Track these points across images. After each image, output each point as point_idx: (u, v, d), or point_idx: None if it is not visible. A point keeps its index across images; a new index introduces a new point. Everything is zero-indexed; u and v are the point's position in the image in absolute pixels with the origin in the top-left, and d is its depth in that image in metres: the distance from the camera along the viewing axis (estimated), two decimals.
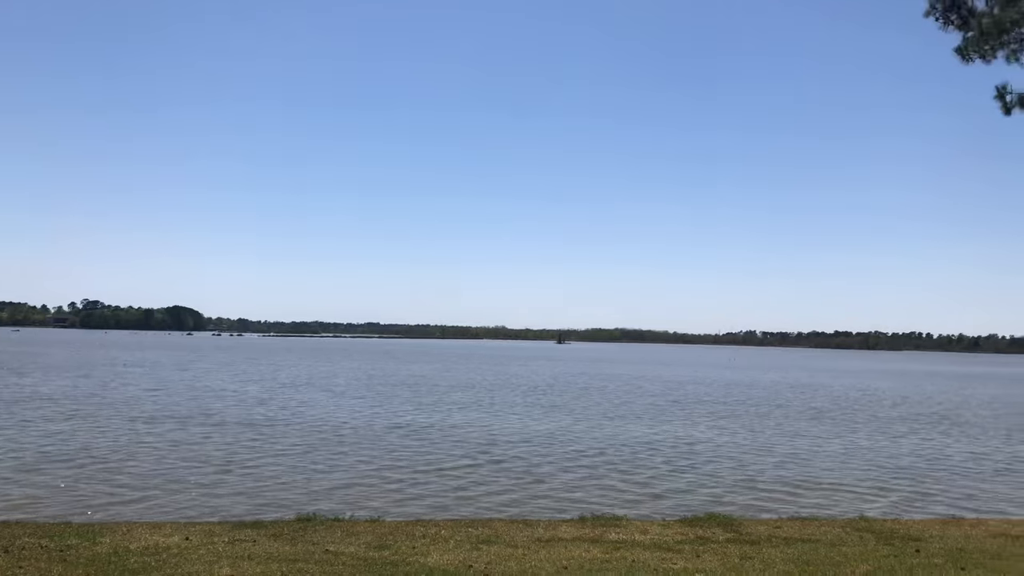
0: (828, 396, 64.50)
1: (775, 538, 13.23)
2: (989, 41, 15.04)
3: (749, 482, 23.33)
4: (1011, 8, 14.79)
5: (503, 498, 19.73)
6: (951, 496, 22.11)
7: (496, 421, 37.56)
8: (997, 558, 11.80)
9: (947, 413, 51.38)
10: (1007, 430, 41.41)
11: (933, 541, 13.24)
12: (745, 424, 40.26)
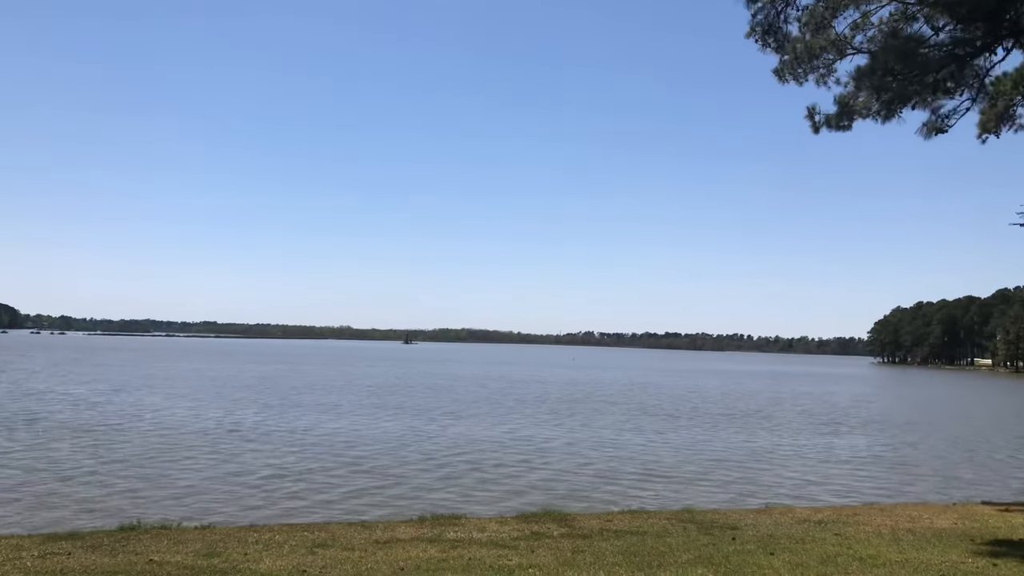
0: (663, 394, 67.59)
1: (606, 531, 13.67)
2: (801, 65, 15.98)
3: (589, 477, 24.10)
4: (820, 36, 15.91)
5: (347, 503, 19.46)
6: (766, 486, 23.72)
7: (343, 423, 36.88)
8: (802, 542, 12.69)
9: (764, 409, 55.05)
10: (815, 424, 44.88)
11: (747, 529, 14.08)
12: (586, 421, 41.53)
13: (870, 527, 14.31)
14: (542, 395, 61.17)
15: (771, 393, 76.56)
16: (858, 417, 51.69)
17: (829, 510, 17.46)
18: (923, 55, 13.48)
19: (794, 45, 16.15)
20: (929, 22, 14.40)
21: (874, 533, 13.55)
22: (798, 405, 60.86)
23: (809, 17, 16.26)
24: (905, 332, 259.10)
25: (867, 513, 16.57)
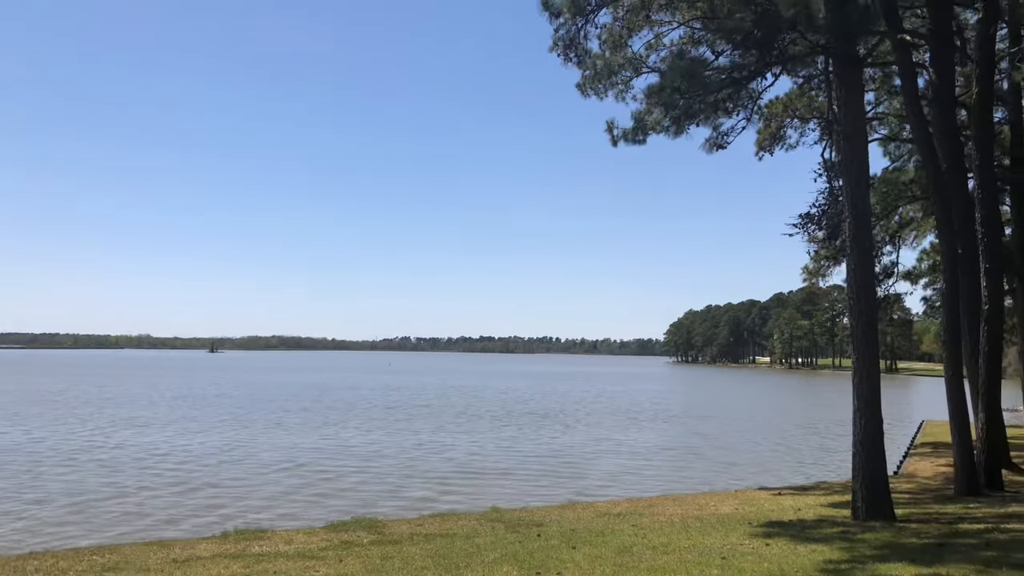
0: (478, 397, 68.34)
1: (416, 536, 13.52)
2: (601, 81, 16.59)
3: (404, 482, 23.85)
4: (618, 54, 16.64)
5: (145, 521, 18.09)
6: (572, 482, 24.52)
7: (151, 437, 34.34)
8: (601, 535, 13.15)
9: (570, 408, 57.04)
10: (617, 421, 47.03)
11: (552, 525, 14.42)
12: (402, 425, 41.16)
13: (663, 517, 15.06)
14: (359, 401, 60.09)
15: (578, 392, 79.57)
16: (655, 413, 54.71)
17: (627, 502, 18.27)
18: (706, 76, 14.42)
19: (594, 61, 16.74)
20: (711, 47, 15.46)
21: (667, 522, 14.26)
22: (601, 403, 63.61)
23: (608, 35, 16.96)
24: (697, 333, 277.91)
25: (661, 504, 17.47)
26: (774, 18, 12.92)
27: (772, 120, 28.43)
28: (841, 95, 13.89)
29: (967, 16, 24.64)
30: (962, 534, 11.48)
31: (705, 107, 15.12)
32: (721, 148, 16.88)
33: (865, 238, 14.02)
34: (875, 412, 13.56)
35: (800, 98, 27.44)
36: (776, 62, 14.30)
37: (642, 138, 16.88)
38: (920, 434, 35.26)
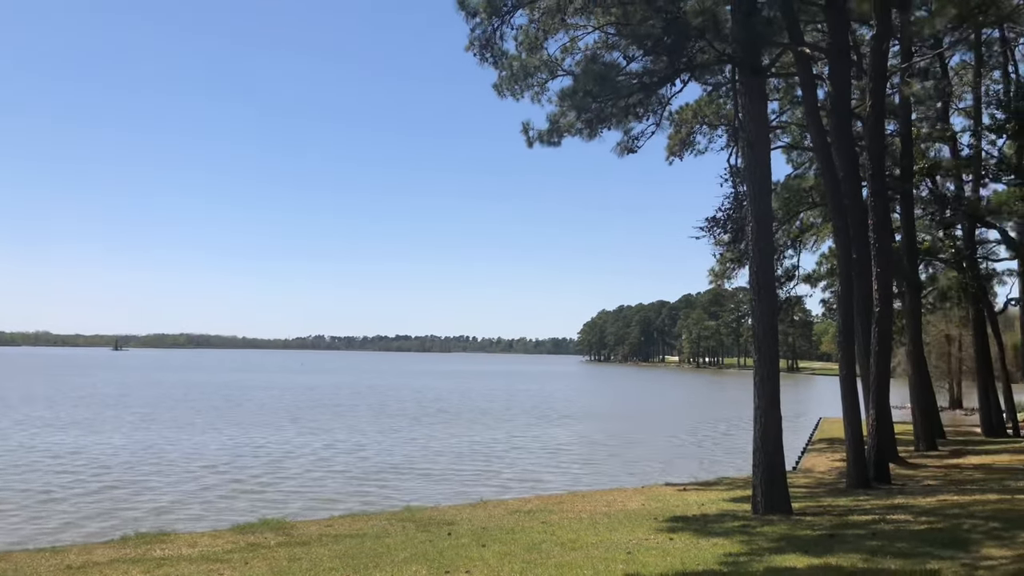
0: (394, 396, 67.70)
1: (326, 536, 13.29)
2: (518, 82, 16.62)
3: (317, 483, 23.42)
4: (534, 56, 16.72)
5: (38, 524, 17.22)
6: (486, 479, 24.53)
7: (35, 439, 32.68)
8: (512, 532, 13.20)
9: (486, 406, 57.12)
10: (532, 418, 47.36)
11: (463, 523, 14.40)
12: (316, 426, 40.41)
13: (572, 513, 15.22)
14: (270, 401, 58.72)
15: (493, 391, 79.79)
16: (568, 411, 55.34)
17: (539, 500, 18.39)
18: (618, 81, 14.65)
19: (511, 63, 16.77)
20: (624, 52, 15.72)
21: (575, 518, 14.41)
22: (516, 401, 63.95)
23: (524, 37, 17.01)
24: (609, 333, 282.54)
25: (571, 500, 17.65)
26: (683, 26, 13.23)
27: (682, 126, 29.13)
28: (746, 103, 14.32)
29: (863, 32, 25.81)
30: (851, 525, 11.99)
31: (617, 111, 15.36)
32: (632, 152, 17.20)
33: (766, 242, 14.49)
34: (775, 410, 14.03)
35: (709, 105, 28.21)
36: (685, 69, 14.64)
37: (557, 140, 17.02)
38: (817, 431, 36.70)
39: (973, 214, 29.61)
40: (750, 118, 14.25)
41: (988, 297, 34.04)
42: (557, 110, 16.56)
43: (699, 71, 15.99)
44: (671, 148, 30.00)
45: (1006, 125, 26.65)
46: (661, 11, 13.77)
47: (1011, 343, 48.59)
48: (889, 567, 8.65)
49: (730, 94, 23.54)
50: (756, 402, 14.17)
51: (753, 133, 14.17)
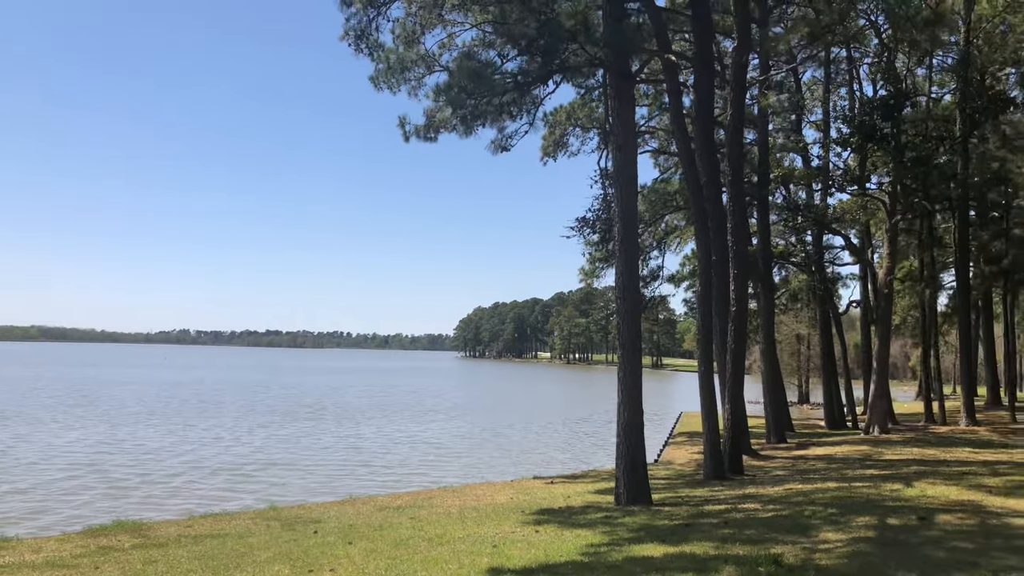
0: (266, 392, 65.50)
1: (184, 537, 12.68)
2: (395, 76, 16.35)
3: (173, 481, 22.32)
4: (411, 50, 16.52)
5: None
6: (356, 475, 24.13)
7: None
8: (380, 528, 13.01)
9: (359, 401, 56.23)
10: (405, 414, 46.96)
11: (331, 521, 14.07)
12: (180, 422, 38.54)
13: (441, 508, 15.17)
14: (129, 398, 55.56)
15: (367, 386, 78.66)
16: (442, 406, 55.27)
17: (408, 495, 18.23)
18: (493, 79, 14.69)
19: (387, 55, 16.50)
20: (500, 51, 15.78)
21: (444, 514, 14.37)
22: (390, 397, 63.30)
23: (402, 30, 16.78)
24: (484, 329, 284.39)
25: (441, 496, 17.60)
26: (557, 28, 13.40)
27: (556, 127, 29.66)
28: (615, 107, 14.68)
29: (727, 44, 27.01)
30: (706, 515, 12.51)
31: (492, 109, 15.39)
32: (506, 150, 17.30)
33: (632, 243, 14.89)
34: (637, 404, 14.45)
35: (582, 108, 28.82)
36: (558, 70, 14.85)
37: (433, 136, 16.91)
38: (678, 424, 38.18)
39: (821, 221, 31.56)
40: (619, 122, 14.60)
41: (833, 299, 36.38)
42: (433, 105, 16.45)
43: (572, 73, 16.26)
44: (545, 148, 30.48)
45: (850, 139, 28.49)
46: (536, 12, 13.90)
47: (853, 342, 52.16)
48: (738, 553, 9.07)
49: (602, 98, 24.14)
50: (619, 396, 14.55)
51: (621, 137, 14.53)
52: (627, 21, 13.41)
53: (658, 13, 17.44)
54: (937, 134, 28.51)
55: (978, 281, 35.13)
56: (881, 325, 29.59)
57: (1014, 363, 39.60)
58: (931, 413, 33.46)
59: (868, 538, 9.79)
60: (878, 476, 16.62)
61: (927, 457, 20.66)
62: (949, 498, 12.84)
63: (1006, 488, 13.98)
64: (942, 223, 36.20)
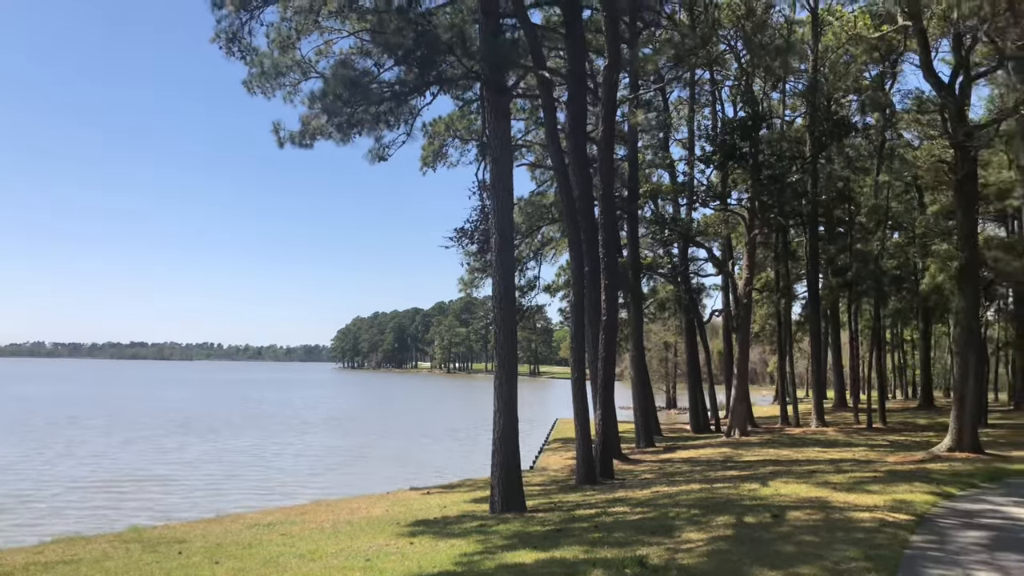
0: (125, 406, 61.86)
1: (34, 565, 11.76)
2: (269, 81, 15.83)
3: (21, 504, 20.70)
4: (287, 55, 16.05)
5: None
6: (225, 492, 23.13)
7: None
8: (249, 547, 12.51)
9: (231, 416, 54.03)
10: (280, 428, 45.49)
11: (196, 541, 13.41)
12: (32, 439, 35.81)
13: (315, 523, 14.74)
14: None
15: (238, 399, 75.70)
16: (317, 419, 53.94)
17: (280, 511, 17.62)
18: (370, 88, 14.49)
19: (261, 60, 15.98)
20: (377, 60, 15.58)
21: (317, 529, 13.98)
22: (262, 410, 61.19)
23: (276, 35, 16.30)
24: (363, 339, 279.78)
25: (315, 510, 17.11)
26: (433, 40, 13.38)
27: (436, 138, 29.62)
28: (491, 120, 14.78)
29: (600, 63, 27.76)
30: (578, 519, 12.72)
31: (368, 118, 15.18)
32: (383, 159, 17.10)
33: (508, 254, 15.03)
34: (513, 413, 14.55)
35: (461, 120, 28.91)
36: (435, 82, 14.81)
37: (309, 143, 16.49)
38: (553, 431, 38.75)
39: (686, 235, 32.90)
40: (495, 135, 14.72)
41: (698, 308, 37.97)
42: (309, 112, 16.06)
43: (449, 85, 16.27)
44: (425, 159, 30.38)
45: (713, 157, 29.88)
46: (413, 23, 13.82)
47: (716, 349, 54.55)
48: (606, 556, 9.27)
49: (480, 110, 24.28)
50: (496, 404, 14.62)
51: (497, 150, 14.65)
52: (502, 36, 13.56)
53: (533, 30, 17.71)
54: (790, 154, 30.32)
55: (826, 292, 37.50)
56: (741, 333, 31.09)
57: (858, 368, 42.41)
58: (786, 415, 35.42)
59: (727, 536, 10.22)
60: (738, 477, 17.41)
61: (781, 457, 21.82)
62: (799, 495, 13.60)
63: (848, 484, 14.94)
64: (795, 237, 38.46)
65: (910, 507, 12.36)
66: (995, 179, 39.92)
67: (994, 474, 16.98)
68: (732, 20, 30.97)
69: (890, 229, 37.46)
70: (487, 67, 13.69)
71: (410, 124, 15.90)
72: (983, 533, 10.60)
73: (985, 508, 12.75)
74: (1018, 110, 22.97)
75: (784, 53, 31.37)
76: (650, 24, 26.73)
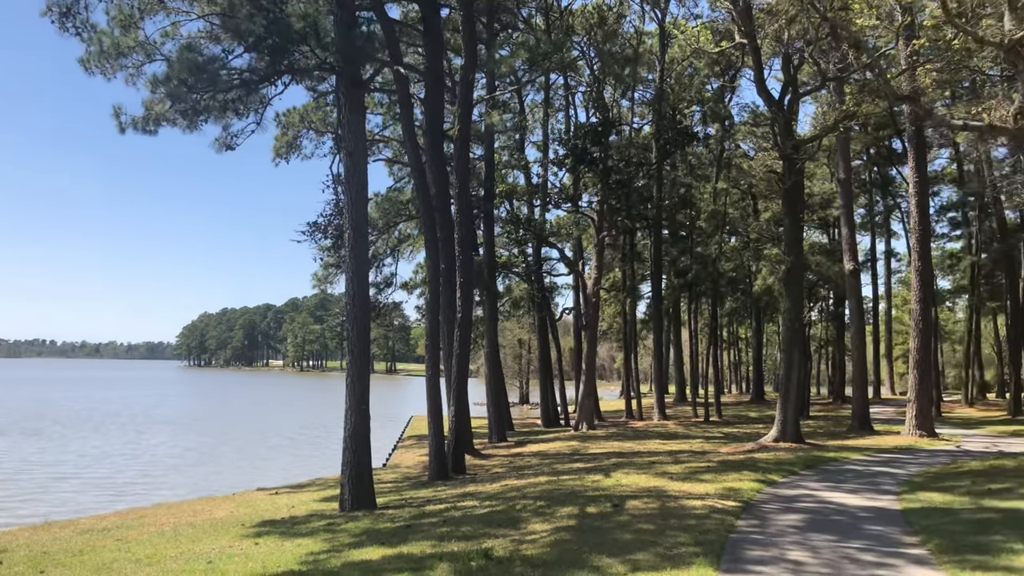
0: None
1: None
2: (109, 60, 14.82)
3: None
4: (129, 35, 15.06)
5: None
6: (54, 497, 21.46)
7: None
8: (80, 554, 11.70)
9: (63, 417, 50.17)
10: (116, 429, 42.69)
11: (20, 550, 12.40)
12: None
13: (154, 527, 14.00)
14: None
15: (72, 399, 70.39)
16: (163, 418, 51.10)
17: (116, 516, 16.60)
18: (218, 74, 13.87)
19: (100, 38, 14.95)
20: (226, 46, 14.91)
21: (157, 532, 13.29)
22: (98, 410, 57.21)
23: (118, 12, 15.28)
24: (211, 336, 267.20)
25: (155, 514, 16.23)
26: (286, 29, 12.98)
27: (290, 129, 28.76)
28: (346, 114, 14.52)
29: (458, 62, 27.88)
30: (428, 515, 12.74)
31: (216, 105, 14.51)
32: (231, 149, 16.34)
33: (362, 249, 14.83)
34: (364, 410, 14.38)
35: (316, 112, 28.21)
36: (287, 71, 14.37)
37: (153, 128, 15.55)
38: (408, 428, 38.58)
39: (540, 235, 33.62)
40: (350, 128, 14.47)
41: (550, 307, 38.88)
42: (153, 96, 15.16)
43: (302, 75, 15.79)
44: (278, 150, 29.42)
45: (565, 160, 30.69)
46: (265, 10, 13.35)
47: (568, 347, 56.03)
48: (453, 550, 9.34)
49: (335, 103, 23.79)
50: (347, 402, 14.40)
51: (352, 143, 14.41)
52: (358, 29, 13.33)
53: (390, 24, 17.56)
54: (637, 160, 31.59)
55: (669, 292, 39.39)
56: (589, 330, 32.11)
57: (698, 364, 44.75)
58: (631, 410, 36.89)
59: (570, 527, 10.54)
60: (583, 469, 17.97)
61: (625, 450, 22.71)
62: (639, 485, 14.22)
63: (684, 474, 15.77)
64: (641, 240, 40.13)
65: (738, 494, 13.20)
66: (819, 190, 43.36)
67: (812, 462, 18.42)
68: (585, 27, 31.95)
69: (727, 234, 39.80)
70: (342, 59, 13.43)
71: (260, 113, 15.33)
72: (799, 516, 11.47)
73: (802, 493, 13.81)
74: (838, 127, 24.92)
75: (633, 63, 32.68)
76: (507, 26, 27.14)
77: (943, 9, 14.28)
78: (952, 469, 16.96)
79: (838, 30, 20.36)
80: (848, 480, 15.46)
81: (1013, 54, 15.07)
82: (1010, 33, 14.63)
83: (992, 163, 36.02)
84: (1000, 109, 15.50)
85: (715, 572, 8.14)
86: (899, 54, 23.03)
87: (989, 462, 17.84)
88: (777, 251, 32.43)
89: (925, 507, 12.06)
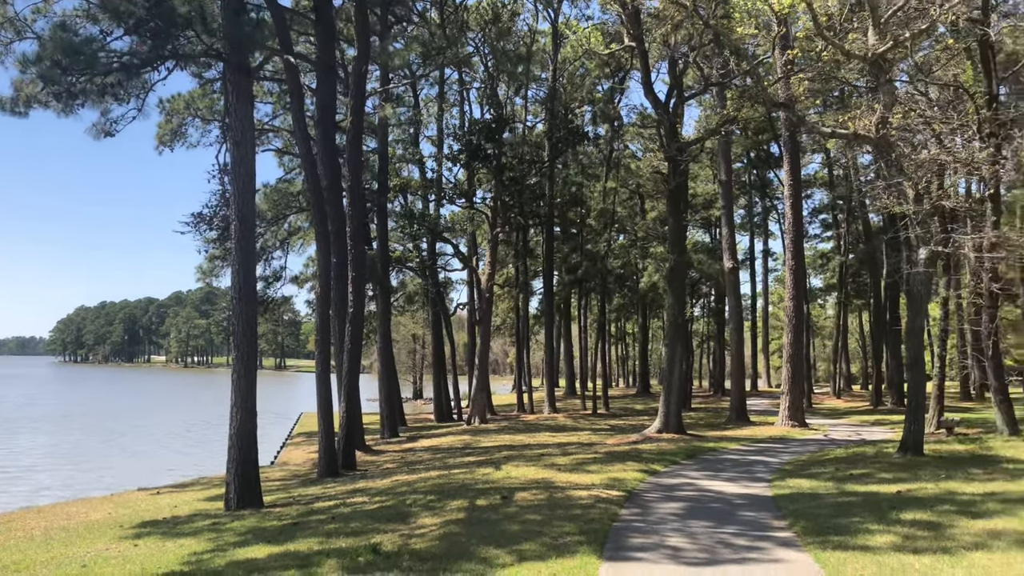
0: None
1: None
2: None
3: None
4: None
5: None
6: None
7: None
8: None
9: None
10: None
11: None
12: None
13: (23, 532, 13.20)
14: None
15: None
16: (30, 418, 48.03)
17: None
18: (96, 56, 13.14)
19: None
20: (105, 27, 14.15)
21: (26, 537, 12.53)
22: None
23: None
24: (88, 331, 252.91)
25: (23, 518, 15.30)
26: (170, 12, 12.46)
27: (174, 116, 27.55)
28: (233, 102, 14.07)
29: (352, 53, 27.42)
30: (316, 512, 12.53)
31: (93, 89, 13.76)
32: (110, 135, 15.51)
33: (249, 242, 14.40)
34: (251, 407, 14.00)
35: (203, 99, 27.14)
36: (171, 56, 13.75)
37: (23, 111, 14.59)
38: (298, 425, 37.76)
39: (434, 230, 33.52)
40: (237, 117, 14.03)
41: (445, 302, 38.82)
42: (23, 77, 14.22)
43: (187, 61, 15.15)
44: (161, 137, 28.14)
45: (459, 156, 30.71)
46: None
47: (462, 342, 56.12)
48: (340, 546, 9.24)
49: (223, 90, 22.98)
50: (233, 399, 13.99)
51: (239, 132, 13.98)
52: (247, 16, 12.91)
53: (281, 12, 17.08)
54: (530, 158, 31.96)
55: (560, 288, 40.05)
56: (483, 325, 32.28)
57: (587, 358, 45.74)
58: (523, 403, 37.33)
59: (459, 519, 10.61)
60: (474, 462, 18.09)
61: (516, 443, 23.00)
62: (528, 477, 14.44)
63: (572, 466, 16.12)
64: (534, 236, 40.62)
65: (622, 484, 13.61)
66: (702, 191, 45.06)
67: (692, 452, 19.18)
68: (480, 24, 32.00)
69: (615, 232, 40.81)
70: (229, 46, 12.99)
71: (142, 99, 14.63)
72: (679, 504, 11.95)
73: (683, 482, 14.37)
74: (720, 130, 25.97)
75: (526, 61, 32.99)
76: (401, 19, 26.85)
77: (814, 23, 15.13)
78: (819, 457, 18.03)
79: (720, 37, 21.23)
80: (726, 469, 16.19)
81: (876, 67, 16.15)
82: (873, 47, 15.67)
83: (858, 169, 38.33)
84: (864, 119, 16.56)
85: (598, 560, 8.38)
86: (776, 63, 24.23)
87: (852, 449, 19.09)
88: (662, 249, 33.51)
89: (794, 493, 12.79)
